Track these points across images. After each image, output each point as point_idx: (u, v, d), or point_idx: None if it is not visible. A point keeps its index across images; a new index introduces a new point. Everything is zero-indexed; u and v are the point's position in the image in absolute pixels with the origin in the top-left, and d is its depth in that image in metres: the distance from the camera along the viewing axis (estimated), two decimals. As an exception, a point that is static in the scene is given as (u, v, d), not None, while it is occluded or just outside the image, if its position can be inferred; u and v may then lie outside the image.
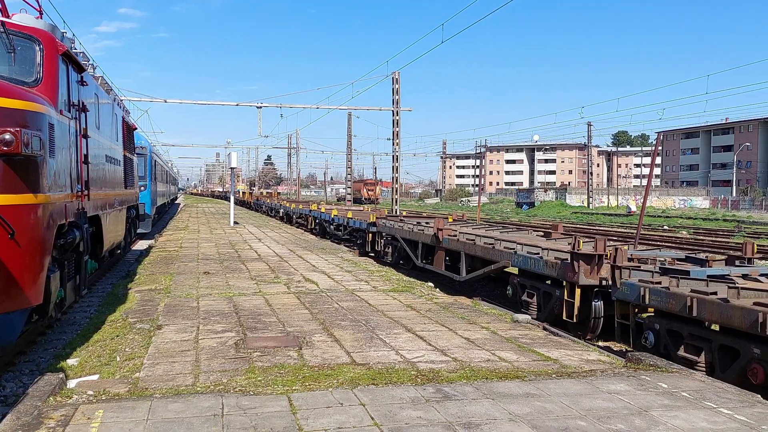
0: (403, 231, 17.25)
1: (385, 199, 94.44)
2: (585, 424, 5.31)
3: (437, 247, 14.94)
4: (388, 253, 18.77)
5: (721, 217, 57.75)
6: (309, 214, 31.62)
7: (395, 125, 38.26)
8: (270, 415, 5.40)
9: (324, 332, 8.72)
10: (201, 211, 50.48)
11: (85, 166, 9.84)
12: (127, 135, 17.82)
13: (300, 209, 35.19)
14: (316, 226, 29.75)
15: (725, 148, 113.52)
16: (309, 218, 31.51)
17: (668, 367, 7.11)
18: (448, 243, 14.31)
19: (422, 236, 15.80)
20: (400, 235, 17.46)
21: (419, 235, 16.04)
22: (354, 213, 25.19)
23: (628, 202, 78.58)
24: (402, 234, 17.35)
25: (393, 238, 18.30)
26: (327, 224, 27.10)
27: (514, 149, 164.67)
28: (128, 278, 14.08)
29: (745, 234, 36.19)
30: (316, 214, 29.83)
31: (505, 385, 6.42)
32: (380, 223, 19.47)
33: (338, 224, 25.15)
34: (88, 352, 7.95)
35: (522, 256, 11.32)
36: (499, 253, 12.04)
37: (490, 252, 12.35)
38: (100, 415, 5.36)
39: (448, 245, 14.30)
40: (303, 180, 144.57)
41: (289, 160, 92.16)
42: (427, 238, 15.37)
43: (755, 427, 5.32)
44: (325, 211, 28.65)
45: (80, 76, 10.02)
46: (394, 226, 18.13)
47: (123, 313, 10.10)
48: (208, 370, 6.85)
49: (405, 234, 17.09)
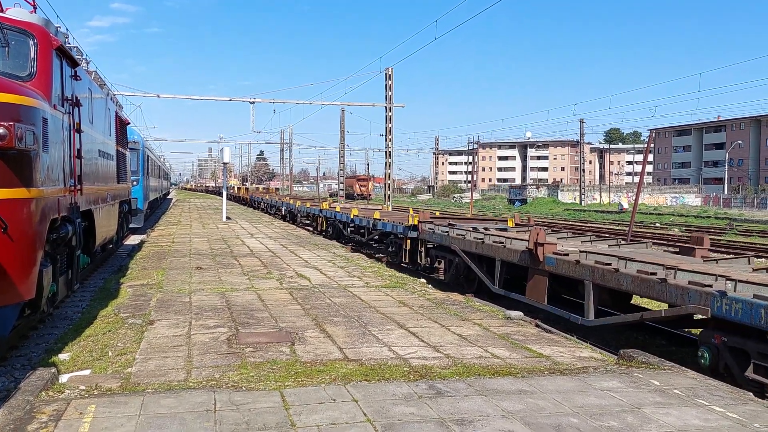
0: (467, 243, 13.05)
1: (378, 195, 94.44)
2: (577, 421, 5.33)
3: (534, 269, 10.72)
4: (439, 269, 14.65)
5: (713, 214, 58.01)
6: (320, 215, 27.13)
7: (388, 121, 38.26)
8: (262, 411, 5.41)
9: (316, 328, 8.72)
10: (193, 206, 50.36)
11: (78, 160, 9.81)
12: (120, 130, 17.75)
13: (308, 208, 30.35)
14: (327, 227, 25.77)
15: (717, 145, 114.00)
16: (319, 219, 27.27)
17: (660, 365, 7.15)
18: (558, 266, 10.04)
19: (503, 252, 11.70)
20: (461, 248, 13.28)
21: (497, 251, 11.90)
22: (383, 214, 20.93)
23: (620, 199, 78.75)
24: (464, 246, 13.16)
25: (447, 249, 14.19)
26: (344, 226, 23.25)
27: (506, 146, 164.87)
28: (120, 273, 14.04)
29: (736, 231, 36.38)
30: (329, 213, 25.49)
31: (497, 381, 6.44)
32: (425, 229, 15.36)
33: (359, 226, 21.33)
34: (80, 347, 7.93)
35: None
36: (678, 291, 7.65)
37: (654, 288, 8.05)
38: (93, 410, 5.35)
39: (558, 269, 10.06)
40: (295, 175, 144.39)
41: (281, 155, 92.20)
42: (514, 256, 11.29)
43: (747, 424, 5.35)
44: (341, 211, 24.23)
45: (74, 70, 9.98)
46: (451, 235, 13.87)
47: (115, 308, 10.08)
48: (201, 365, 6.85)
49: (470, 247, 12.92)
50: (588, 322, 9.35)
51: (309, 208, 30.08)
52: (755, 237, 33.41)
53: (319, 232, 26.72)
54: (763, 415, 5.58)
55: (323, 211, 26.55)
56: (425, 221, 15.76)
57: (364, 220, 20.60)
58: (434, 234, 14.83)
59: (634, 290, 8.57)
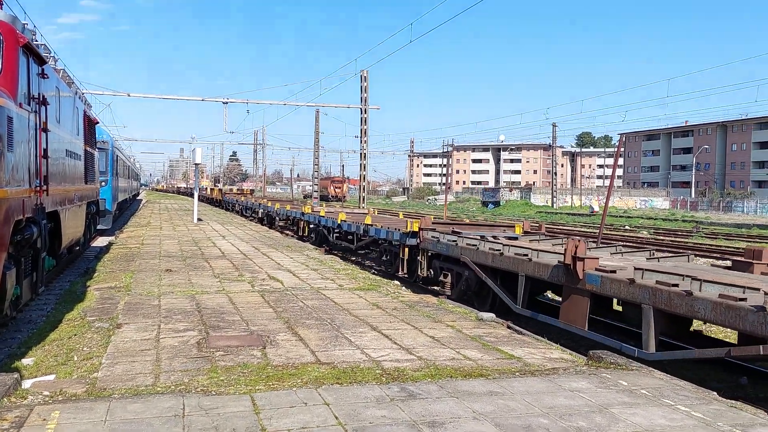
0: (480, 254, 11.52)
1: (353, 196, 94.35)
2: (547, 422, 5.35)
3: (572, 288, 9.23)
4: (444, 283, 13.19)
5: (681, 217, 59.03)
6: (302, 218, 25.29)
7: (363, 123, 38.28)
8: (232, 415, 5.33)
9: (288, 331, 8.65)
10: (164, 208, 49.78)
11: (44, 160, 9.62)
12: (89, 129, 17.47)
13: (287, 210, 28.55)
14: (310, 233, 24.01)
15: (685, 150, 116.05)
16: (301, 223, 25.54)
17: (628, 365, 7.21)
18: (604, 286, 8.54)
19: (529, 266, 10.16)
20: (473, 260, 11.68)
21: (521, 265, 10.36)
22: (375, 219, 19.52)
23: (591, 202, 79.69)
24: (477, 258, 11.58)
25: (454, 261, 12.64)
26: (329, 232, 21.53)
27: (480, 149, 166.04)
28: (87, 276, 13.80)
29: (702, 234, 37.00)
30: (313, 218, 23.51)
31: (469, 383, 6.44)
32: (427, 237, 13.75)
33: (347, 232, 19.67)
34: (44, 351, 7.76)
35: None
36: None
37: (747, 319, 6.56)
38: (57, 416, 5.23)
39: (604, 289, 8.58)
40: (269, 177, 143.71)
41: (255, 156, 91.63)
42: (543, 271, 9.77)
43: (711, 423, 5.42)
44: (326, 215, 22.26)
45: (41, 68, 9.79)
46: (460, 245, 12.25)
47: (81, 311, 9.89)
48: (169, 369, 6.74)
49: (485, 259, 11.38)
50: (648, 355, 7.77)
51: (289, 211, 28.35)
52: (720, 239, 34.01)
53: (300, 238, 25.10)
54: (726, 414, 5.65)
55: (306, 215, 24.68)
56: (427, 228, 14.05)
57: (353, 226, 18.74)
58: (439, 243, 13.18)
59: (716, 320, 6.98)
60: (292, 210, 27.85)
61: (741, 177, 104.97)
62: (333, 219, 20.79)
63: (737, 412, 5.75)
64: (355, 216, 21.43)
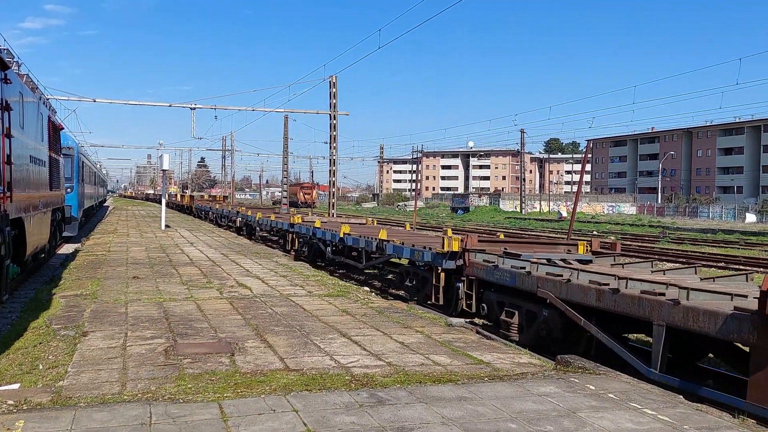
0: (575, 290, 8.34)
1: (322, 203, 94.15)
2: (516, 427, 5.40)
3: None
4: (510, 324, 9.69)
5: (647, 223, 59.96)
6: (291, 231, 21.58)
7: (332, 129, 38.21)
8: (200, 423, 5.29)
9: (257, 338, 8.60)
10: (131, 214, 49.17)
11: (7, 166, 9.47)
12: (53, 135, 17.21)
13: (272, 221, 24.92)
14: (302, 247, 20.82)
15: (651, 156, 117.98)
16: (290, 235, 21.85)
17: (596, 369, 7.31)
18: None
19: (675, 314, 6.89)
20: (559, 296, 8.59)
21: (658, 310, 7.11)
22: (392, 233, 16.59)
23: (559, 207, 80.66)
24: (569, 295, 8.43)
25: (524, 294, 9.48)
26: (327, 246, 18.15)
27: (449, 155, 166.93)
28: (53, 283, 13.57)
29: (669, 239, 37.64)
30: (305, 230, 20.10)
31: (438, 388, 6.47)
32: (478, 262, 10.74)
33: (354, 248, 16.51)
34: (8, 360, 7.62)
35: None
36: None
37: None
38: (21, 425, 5.14)
39: None
40: (238, 183, 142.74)
41: (223, 162, 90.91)
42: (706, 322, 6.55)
43: (678, 427, 5.52)
44: (323, 227, 18.67)
45: (4, 73, 9.65)
46: (536, 274, 9.11)
47: (47, 319, 9.72)
48: (136, 377, 6.66)
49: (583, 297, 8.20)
50: None
51: (275, 221, 24.62)
52: (686, 244, 34.63)
53: (287, 251, 21.86)
54: (692, 417, 5.76)
55: (296, 225, 21.04)
56: (474, 248, 11.14)
57: (360, 241, 15.48)
58: (498, 271, 10.03)
59: None
60: (278, 221, 24.19)
61: (706, 183, 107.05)
62: (332, 232, 17.44)
63: (703, 416, 5.86)
64: (363, 229, 18.49)
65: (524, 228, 50.13)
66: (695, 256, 25.97)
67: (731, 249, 32.10)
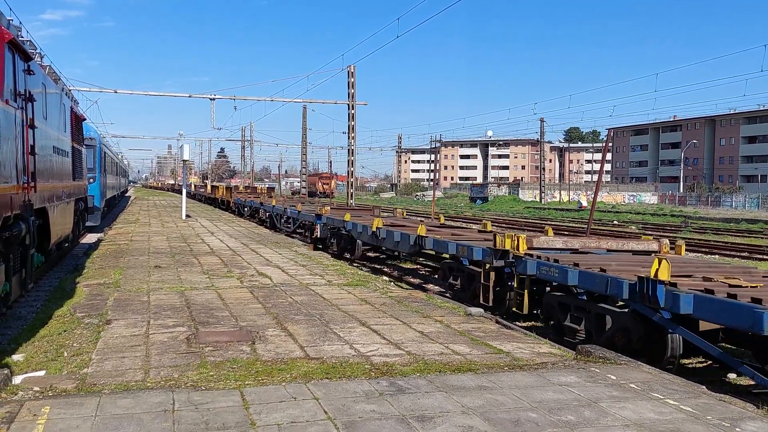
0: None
1: (340, 193, 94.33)
2: (536, 416, 5.40)
3: None
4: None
5: (669, 212, 59.35)
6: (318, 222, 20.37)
7: (351, 119, 38.22)
8: (222, 410, 5.35)
9: (277, 327, 8.67)
10: (152, 204, 49.59)
11: (31, 157, 9.58)
12: (76, 126, 17.38)
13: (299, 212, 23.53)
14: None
15: (673, 145, 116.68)
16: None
17: (617, 359, 7.27)
18: None
19: None
20: None
21: None
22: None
23: (579, 197, 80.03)
24: None
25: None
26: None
27: (468, 144, 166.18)
28: (76, 272, 13.75)
29: (691, 229, 37.26)
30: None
31: (457, 378, 6.48)
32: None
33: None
34: (34, 347, 7.75)
35: None
36: None
37: None
38: (47, 412, 5.24)
39: None
40: (257, 173, 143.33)
41: (242, 152, 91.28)
42: None
43: (700, 417, 5.48)
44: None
45: (27, 65, 9.74)
46: None
47: (71, 307, 9.87)
48: (159, 365, 6.75)
49: None
50: None
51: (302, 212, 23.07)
52: (709, 234, 34.26)
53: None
54: (715, 408, 5.72)
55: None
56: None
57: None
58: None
59: None
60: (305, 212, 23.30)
61: (729, 172, 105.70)
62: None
63: (726, 406, 5.81)
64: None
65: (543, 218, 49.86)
66: (718, 246, 25.68)
67: (755, 239, 31.70)
